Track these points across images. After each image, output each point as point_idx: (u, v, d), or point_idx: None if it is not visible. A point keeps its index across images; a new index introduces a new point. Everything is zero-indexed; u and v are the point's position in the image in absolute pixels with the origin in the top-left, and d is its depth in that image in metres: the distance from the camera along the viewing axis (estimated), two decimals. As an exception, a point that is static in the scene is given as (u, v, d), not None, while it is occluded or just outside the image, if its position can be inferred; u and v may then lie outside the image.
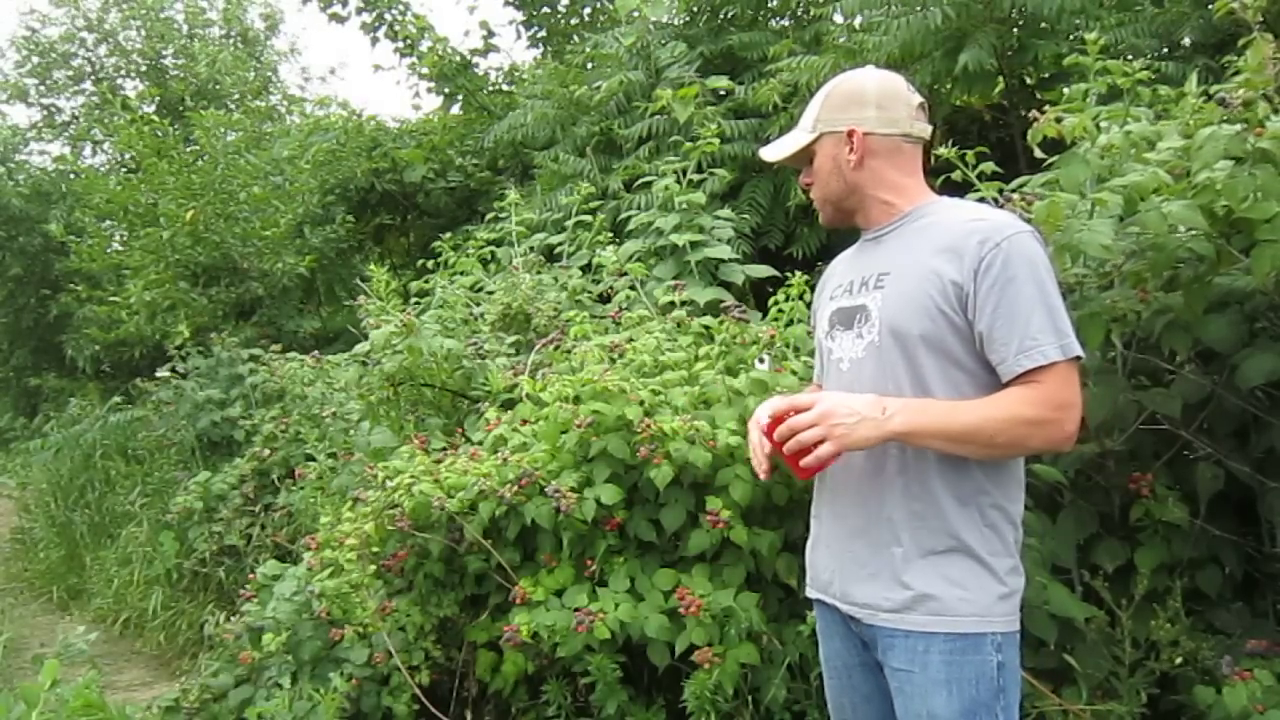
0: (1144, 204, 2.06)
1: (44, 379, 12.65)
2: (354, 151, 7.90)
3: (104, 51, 14.64)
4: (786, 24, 5.94)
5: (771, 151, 1.79)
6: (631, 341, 3.17)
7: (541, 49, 8.10)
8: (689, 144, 4.38)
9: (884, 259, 1.66)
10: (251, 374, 6.05)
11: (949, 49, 4.25)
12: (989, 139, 4.90)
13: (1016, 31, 4.35)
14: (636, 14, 5.55)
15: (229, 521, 4.96)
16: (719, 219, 4.23)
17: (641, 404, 2.73)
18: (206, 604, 4.82)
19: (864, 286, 1.67)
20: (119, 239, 8.78)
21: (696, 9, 6.10)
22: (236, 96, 13.66)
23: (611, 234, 4.58)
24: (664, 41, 5.60)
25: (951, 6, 4.09)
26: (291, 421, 5.10)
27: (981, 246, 1.51)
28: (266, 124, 11.50)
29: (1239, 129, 1.97)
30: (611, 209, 5.04)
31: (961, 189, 2.43)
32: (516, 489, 2.73)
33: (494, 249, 4.80)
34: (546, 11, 7.85)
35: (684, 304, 3.45)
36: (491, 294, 4.16)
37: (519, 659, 2.74)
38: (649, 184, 4.62)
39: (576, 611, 2.58)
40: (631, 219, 4.42)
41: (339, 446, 4.27)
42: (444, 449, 3.22)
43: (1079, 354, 1.50)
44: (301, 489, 4.39)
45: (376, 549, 2.97)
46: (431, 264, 4.83)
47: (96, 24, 14.42)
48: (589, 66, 6.14)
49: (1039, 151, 2.26)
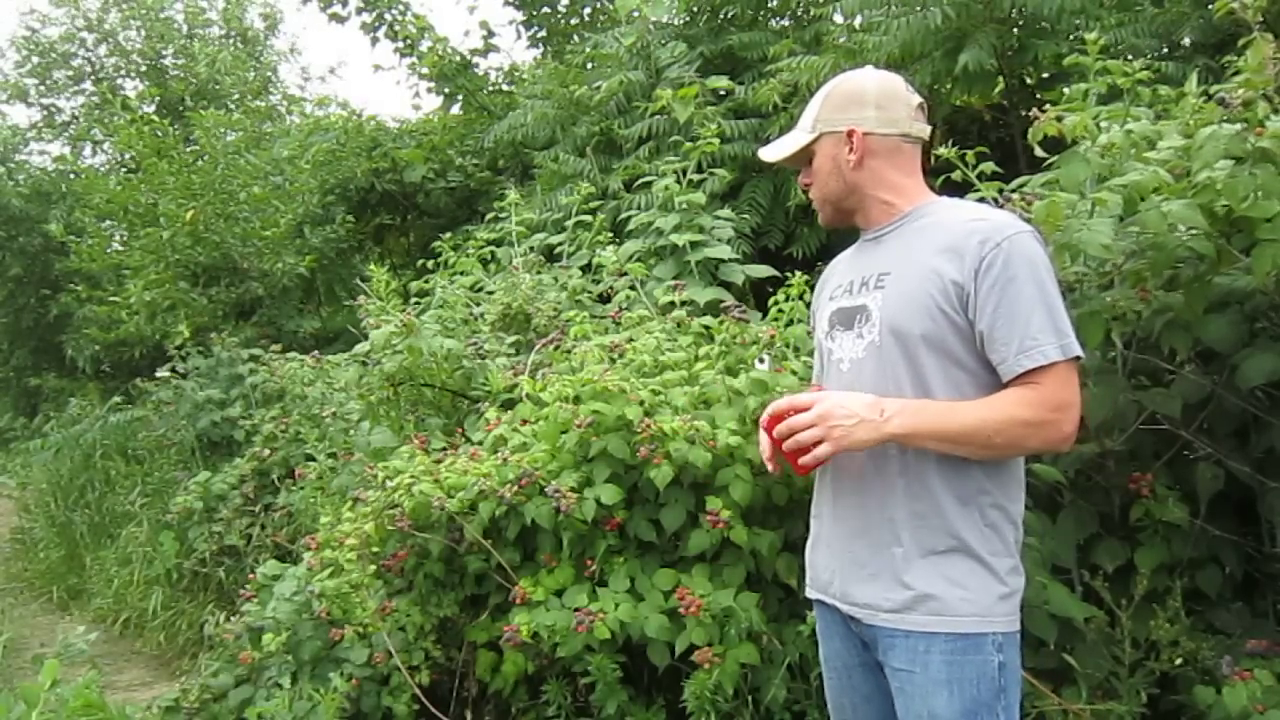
0: (1144, 203, 2.06)
1: (44, 379, 12.65)
2: (354, 151, 7.90)
3: (104, 51, 14.63)
4: (786, 24, 5.94)
5: (771, 152, 1.79)
6: (631, 341, 3.17)
7: (541, 49, 8.10)
8: (689, 144, 4.38)
9: (884, 259, 1.66)
10: (251, 374, 6.06)
11: (949, 49, 4.25)
12: (989, 139, 4.90)
13: (1016, 31, 4.35)
14: (636, 14, 5.55)
15: (229, 521, 4.96)
16: (719, 219, 4.23)
17: (641, 404, 2.72)
18: (206, 604, 4.82)
19: (864, 286, 1.67)
20: (119, 239, 8.78)
21: (696, 9, 6.09)
22: (236, 96, 13.65)
23: (611, 234, 4.58)
24: (664, 41, 5.60)
25: (951, 6, 4.09)
26: (291, 421, 5.10)
27: (982, 246, 1.51)
28: (266, 124, 11.50)
29: (1239, 128, 1.97)
30: (611, 209, 5.04)
31: (961, 189, 2.42)
32: (516, 489, 2.73)
33: (494, 249, 4.80)
34: (546, 11, 7.85)
35: (684, 304, 3.45)
36: (491, 294, 4.16)
37: (519, 659, 2.74)
38: (649, 184, 4.62)
39: (576, 611, 2.58)
40: (631, 219, 4.42)
41: (339, 446, 4.27)
42: (444, 449, 3.22)
43: (1079, 354, 1.50)
44: (301, 489, 4.39)
45: (376, 549, 2.96)
46: (431, 264, 4.83)
47: (96, 24, 14.41)
48: (589, 66, 6.14)
49: (1039, 151, 2.26)
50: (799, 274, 3.30)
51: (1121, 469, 2.35)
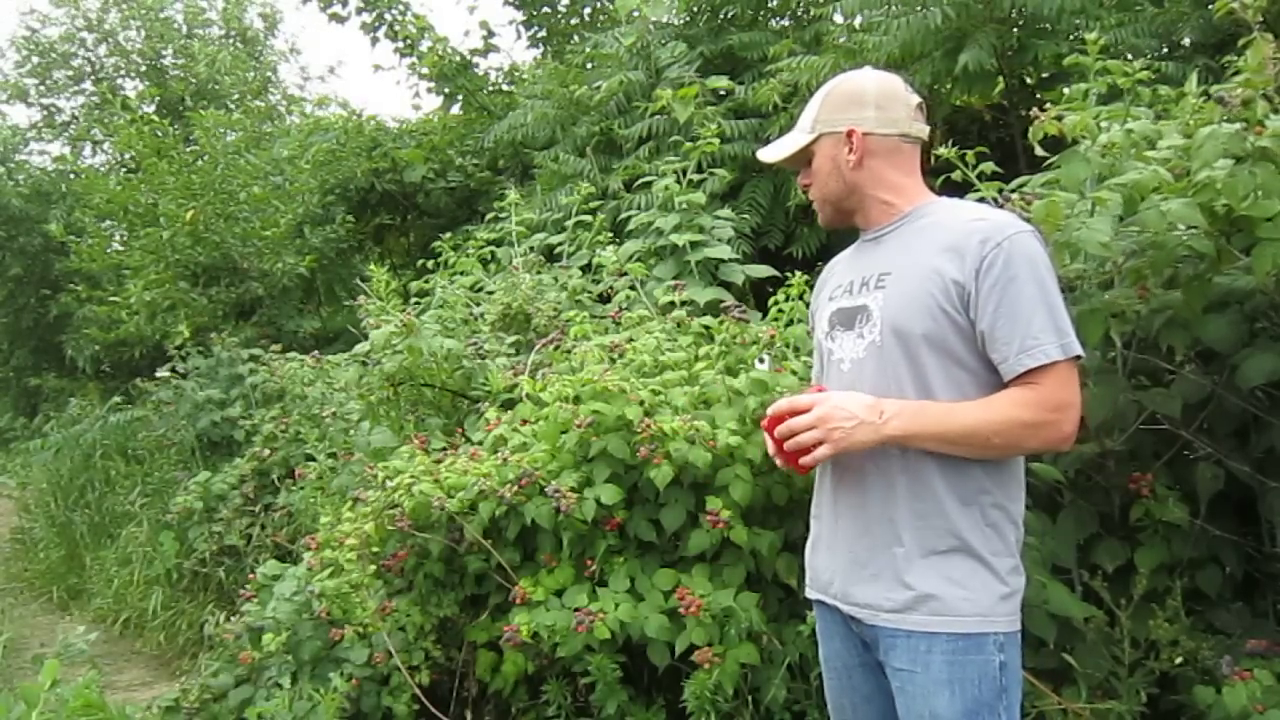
0: (1144, 202, 2.06)
1: (44, 379, 12.65)
2: (354, 151, 7.90)
3: (104, 51, 14.65)
4: (786, 24, 5.94)
5: (770, 153, 1.79)
6: (631, 341, 3.17)
7: (541, 49, 8.10)
8: (689, 144, 4.38)
9: (884, 259, 1.66)
10: (251, 374, 6.05)
11: (949, 49, 4.25)
12: (989, 139, 4.90)
13: (1016, 31, 4.35)
14: (636, 14, 5.55)
15: (229, 521, 4.96)
16: (719, 219, 4.23)
17: (641, 404, 2.72)
18: (206, 604, 4.82)
19: (864, 286, 1.67)
20: (119, 239, 8.79)
21: (696, 9, 6.10)
22: (236, 96, 13.66)
23: (611, 234, 4.58)
24: (664, 41, 5.60)
25: (951, 6, 4.09)
26: (291, 421, 5.10)
27: (983, 246, 1.51)
28: (266, 124, 11.50)
29: (1239, 128, 1.97)
30: (611, 209, 5.04)
31: (961, 189, 2.42)
32: (516, 489, 2.73)
33: (494, 249, 4.80)
34: (546, 11, 7.85)
35: (684, 304, 3.45)
36: (491, 294, 4.16)
37: (519, 659, 2.74)
38: (649, 184, 4.62)
39: (576, 611, 2.58)
40: (631, 219, 4.42)
41: (339, 446, 4.27)
42: (444, 449, 3.22)
43: (1080, 353, 1.50)
44: (301, 489, 4.39)
45: (376, 549, 2.96)
46: (431, 264, 4.83)
47: (96, 24, 14.42)
48: (589, 66, 6.14)
49: (1039, 151, 2.26)
50: (799, 274, 3.30)
51: (1121, 469, 2.35)
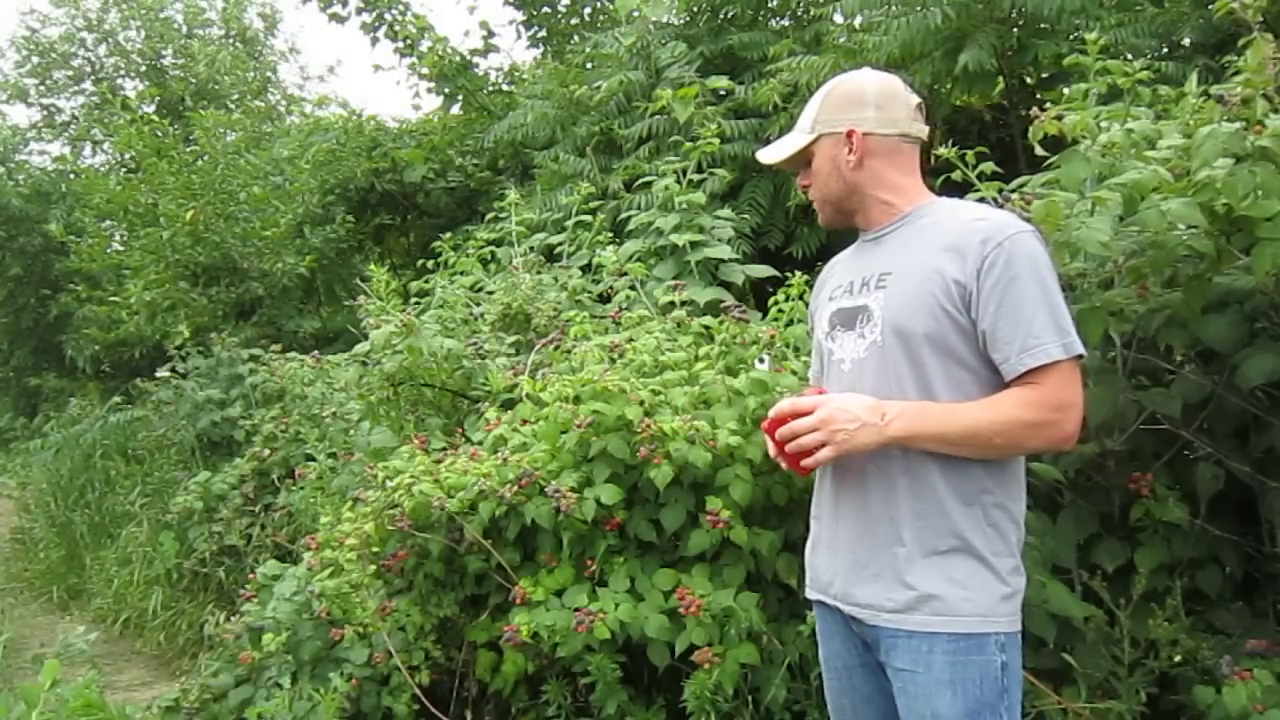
0: (1144, 202, 2.06)
1: (44, 379, 12.65)
2: (354, 151, 7.90)
3: (104, 51, 14.66)
4: (786, 24, 5.94)
5: (769, 154, 1.79)
6: (631, 341, 3.17)
7: (541, 49, 8.10)
8: (689, 144, 4.38)
9: (885, 259, 1.66)
10: (251, 374, 6.05)
11: (949, 49, 4.25)
12: (989, 139, 4.91)
13: (1016, 31, 4.35)
14: (636, 14, 5.55)
15: (229, 521, 4.96)
16: (719, 219, 4.23)
17: (641, 404, 2.72)
18: (206, 604, 4.82)
19: (865, 287, 1.66)
20: (119, 239, 8.79)
21: (696, 9, 6.10)
22: (236, 96, 13.67)
23: (611, 234, 4.58)
24: (664, 41, 5.61)
25: (951, 6, 4.09)
26: (291, 421, 5.10)
27: (984, 245, 1.51)
28: (266, 124, 11.50)
29: (1239, 127, 1.96)
30: (611, 209, 5.04)
31: (961, 189, 2.42)
32: (516, 489, 2.73)
33: (494, 249, 4.80)
34: (546, 11, 7.85)
35: (684, 304, 3.45)
36: (491, 294, 4.16)
37: (519, 659, 2.74)
38: (649, 184, 4.62)
39: (576, 611, 2.58)
40: (631, 219, 4.42)
41: (339, 446, 4.27)
42: (444, 449, 3.22)
43: (1081, 352, 1.50)
44: (301, 489, 4.39)
45: (376, 549, 2.96)
46: (431, 264, 4.83)
47: (96, 24, 14.43)
48: (589, 66, 6.14)
49: (1040, 151, 2.26)
50: (799, 274, 3.31)
51: (1121, 469, 2.35)
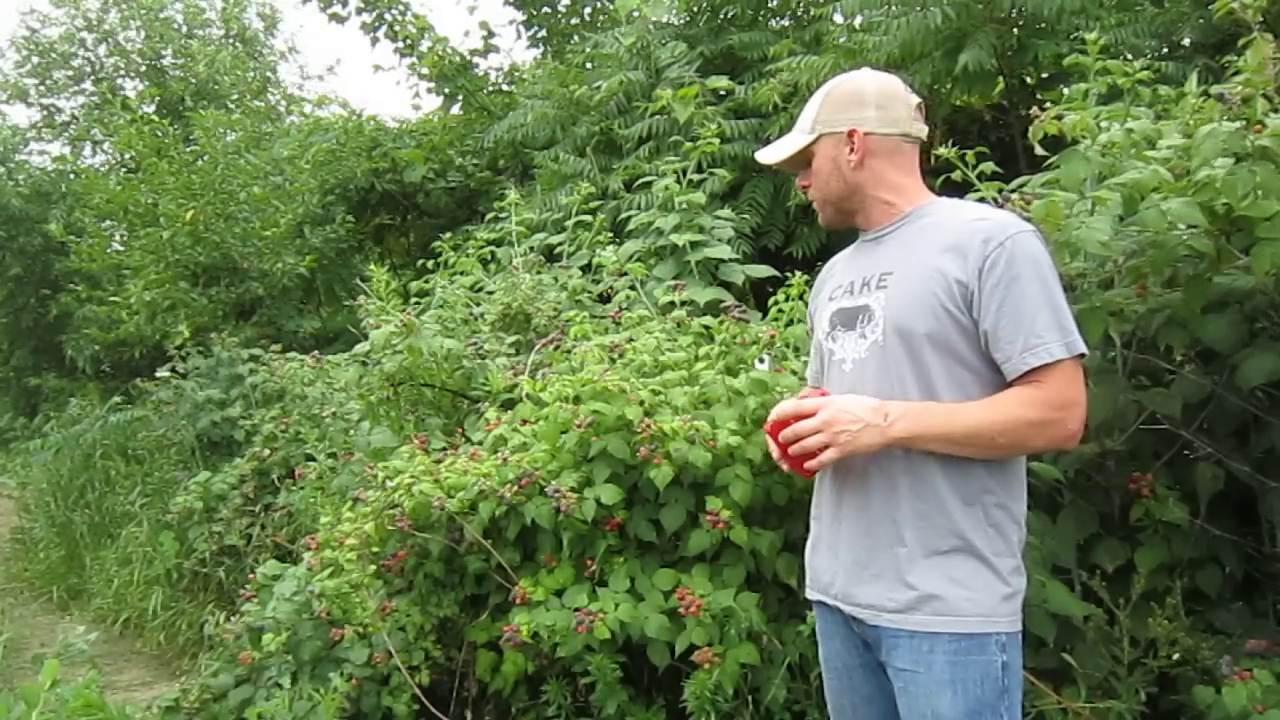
0: (1144, 202, 2.06)
1: (44, 379, 12.65)
2: (354, 151, 7.90)
3: (104, 51, 14.66)
4: (786, 24, 5.95)
5: (769, 154, 1.78)
6: (631, 341, 3.17)
7: (541, 49, 8.10)
8: (689, 144, 4.38)
9: (885, 259, 1.66)
10: (251, 374, 6.05)
11: (949, 49, 4.25)
12: (989, 139, 4.91)
13: (1016, 31, 4.36)
14: (636, 14, 5.56)
15: (229, 521, 4.96)
16: (719, 219, 4.23)
17: (641, 404, 2.72)
18: (206, 604, 4.81)
19: (865, 286, 1.66)
20: (119, 239, 8.79)
21: (696, 9, 6.10)
22: (236, 96, 13.67)
23: (611, 234, 4.58)
24: (664, 41, 5.61)
25: (951, 6, 4.09)
26: (291, 421, 5.10)
27: (986, 245, 1.51)
28: (266, 124, 11.51)
29: (1239, 126, 1.96)
30: (611, 209, 5.04)
31: (961, 189, 2.42)
32: (516, 489, 2.73)
33: (494, 249, 4.80)
34: (546, 11, 7.86)
35: (684, 304, 3.45)
36: (491, 294, 4.16)
37: (519, 659, 2.74)
38: (649, 184, 4.62)
39: (576, 611, 2.58)
40: (631, 219, 4.42)
41: (339, 446, 4.27)
42: (444, 449, 3.22)
43: (1084, 351, 1.50)
44: (301, 489, 4.39)
45: (376, 549, 2.96)
46: (431, 264, 4.83)
47: (96, 24, 14.44)
48: (589, 66, 6.14)
49: (1040, 150, 2.26)
50: (799, 274, 3.31)
51: (1121, 469, 2.35)
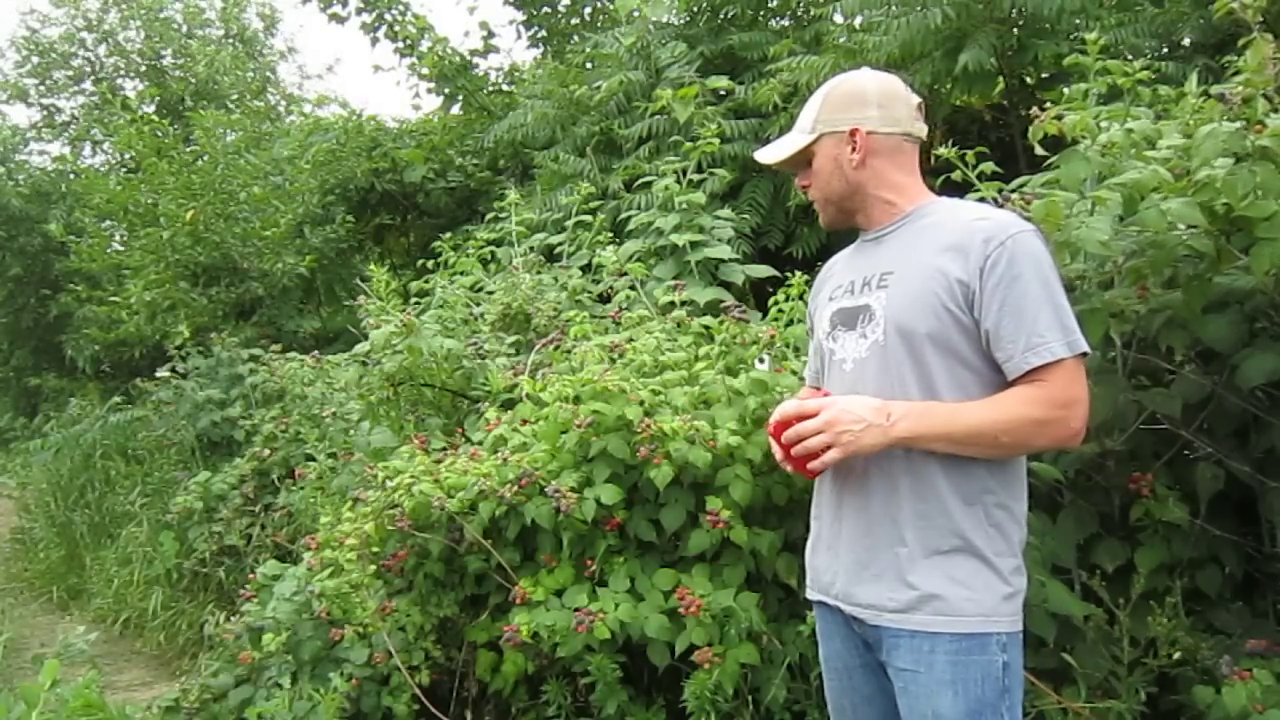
0: (1144, 202, 2.06)
1: (44, 379, 12.65)
2: (354, 151, 7.90)
3: (104, 51, 14.67)
4: (786, 24, 5.95)
5: (769, 154, 1.78)
6: (631, 341, 3.17)
7: (541, 49, 8.10)
8: (689, 144, 4.38)
9: (886, 258, 1.66)
10: (251, 374, 6.06)
11: (949, 49, 4.25)
12: (989, 139, 4.91)
13: (1016, 31, 4.36)
14: (636, 14, 5.56)
15: (229, 521, 4.96)
16: (719, 219, 4.23)
17: (641, 404, 2.72)
18: (206, 604, 4.81)
19: (866, 286, 1.66)
20: (119, 239, 8.79)
21: (696, 9, 6.10)
22: (235, 96, 13.67)
23: (611, 234, 4.58)
24: (664, 41, 5.61)
25: (951, 6, 4.09)
26: (291, 421, 5.10)
27: (987, 245, 1.51)
28: (266, 124, 11.51)
29: (1239, 126, 1.96)
30: (611, 209, 5.04)
31: (961, 189, 2.43)
32: (516, 489, 2.73)
33: (494, 249, 4.80)
34: (546, 11, 7.86)
35: (684, 304, 3.45)
36: (491, 294, 4.16)
37: (519, 659, 2.74)
38: (649, 184, 4.62)
39: (576, 611, 2.58)
40: (631, 219, 4.42)
41: (339, 446, 4.27)
42: (444, 449, 3.22)
43: (1085, 350, 1.50)
44: (301, 489, 4.39)
45: (376, 549, 2.96)
46: (431, 264, 4.84)
47: (96, 24, 14.44)
48: (589, 66, 6.14)
49: (1040, 150, 2.26)
50: (799, 274, 3.31)
51: (1121, 469, 2.35)
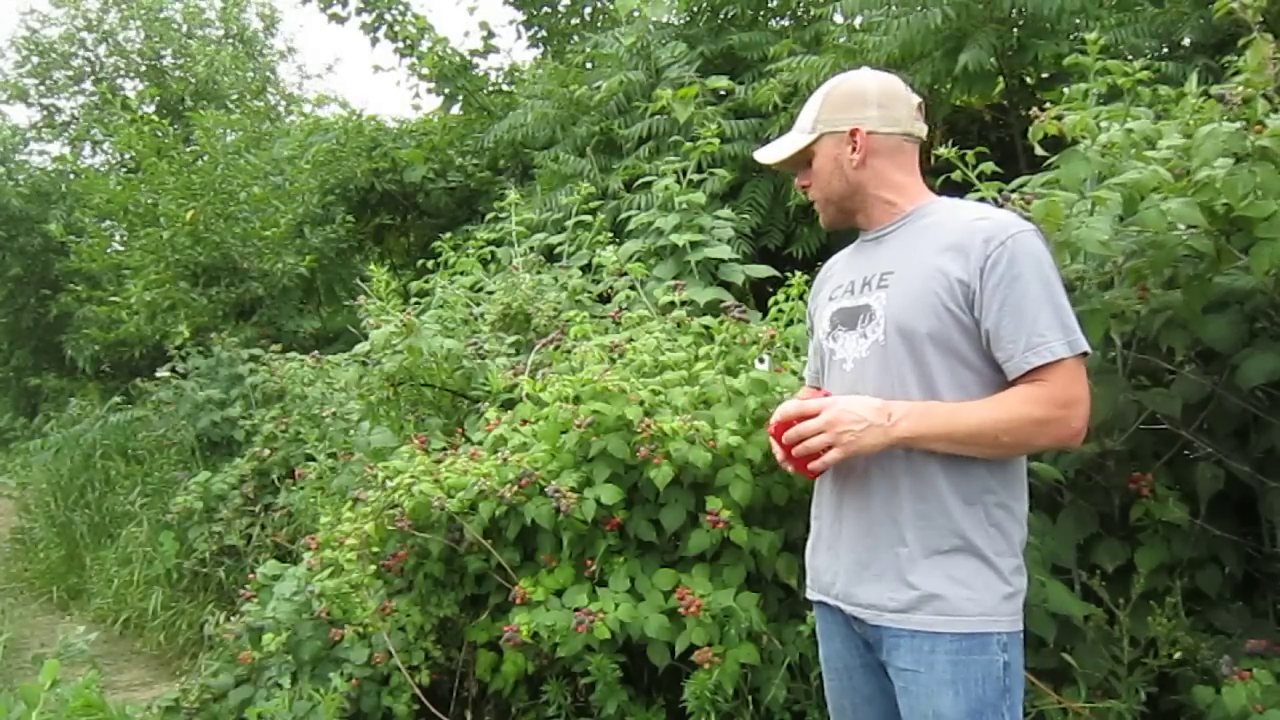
0: (1144, 202, 2.06)
1: (44, 379, 12.65)
2: (354, 151, 7.90)
3: (104, 51, 14.67)
4: (786, 24, 5.95)
5: (768, 154, 1.78)
6: (631, 341, 3.17)
7: (541, 49, 8.11)
8: (689, 144, 4.38)
9: (886, 258, 1.66)
10: (251, 374, 6.06)
11: (949, 49, 4.25)
12: (989, 139, 4.91)
13: (1016, 31, 4.36)
14: (636, 14, 5.56)
15: (229, 521, 4.96)
16: (719, 219, 4.23)
17: (641, 404, 2.72)
18: (206, 604, 4.81)
19: (866, 286, 1.66)
20: (119, 239, 8.79)
21: (696, 9, 6.10)
22: (235, 96, 13.68)
23: (611, 234, 4.58)
24: (664, 41, 5.61)
25: (951, 6, 4.09)
26: (291, 421, 5.10)
27: (987, 245, 1.51)
28: (265, 124, 11.51)
29: (1239, 127, 1.96)
30: (611, 209, 5.04)
31: (961, 189, 2.43)
32: (516, 489, 2.73)
33: (494, 249, 4.80)
34: (546, 11, 7.86)
35: (684, 304, 3.45)
36: (491, 294, 4.16)
37: (519, 659, 2.74)
38: (649, 184, 4.62)
39: (576, 611, 2.58)
40: (631, 219, 4.43)
41: (339, 446, 4.27)
42: (444, 449, 3.22)
43: (1086, 349, 1.50)
44: (301, 489, 4.39)
45: (376, 549, 2.96)
46: (431, 264, 4.84)
47: (96, 24, 14.44)
48: (589, 66, 6.14)
49: (1039, 151, 2.26)
50: (799, 274, 3.31)
51: (1121, 469, 2.35)
